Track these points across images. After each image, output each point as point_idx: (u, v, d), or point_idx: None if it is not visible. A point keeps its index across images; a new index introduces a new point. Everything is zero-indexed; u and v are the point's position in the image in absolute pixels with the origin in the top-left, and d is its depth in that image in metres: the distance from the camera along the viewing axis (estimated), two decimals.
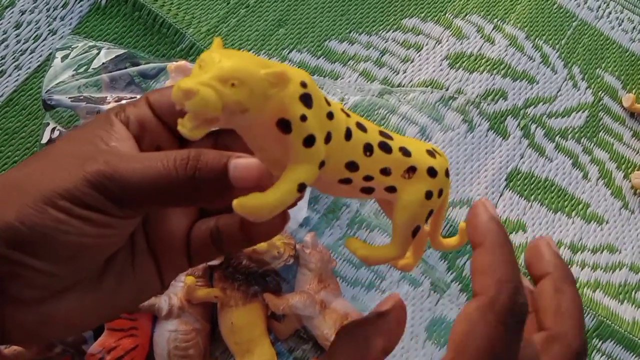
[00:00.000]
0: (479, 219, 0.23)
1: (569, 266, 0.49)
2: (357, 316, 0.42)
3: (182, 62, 0.45)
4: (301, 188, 0.21)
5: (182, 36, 0.51)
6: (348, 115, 0.23)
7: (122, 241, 0.23)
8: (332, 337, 0.40)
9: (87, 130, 0.24)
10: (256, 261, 0.40)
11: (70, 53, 0.46)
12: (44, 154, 0.23)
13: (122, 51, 0.47)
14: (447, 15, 0.57)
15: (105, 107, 0.43)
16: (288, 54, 0.53)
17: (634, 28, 0.61)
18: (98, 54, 0.46)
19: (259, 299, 0.41)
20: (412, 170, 0.24)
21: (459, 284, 0.47)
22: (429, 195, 0.24)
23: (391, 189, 0.24)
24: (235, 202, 0.20)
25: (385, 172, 0.23)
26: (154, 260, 0.25)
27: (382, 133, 0.23)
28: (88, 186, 0.21)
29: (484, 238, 0.23)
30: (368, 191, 0.23)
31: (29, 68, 0.49)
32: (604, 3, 0.62)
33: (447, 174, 0.25)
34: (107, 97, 0.44)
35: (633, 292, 0.50)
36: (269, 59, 0.52)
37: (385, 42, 0.55)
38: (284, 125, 0.20)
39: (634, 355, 0.47)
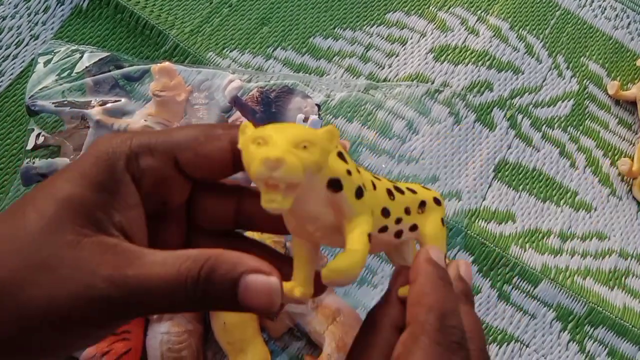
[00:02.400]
0: (417, 261, 0.24)
1: (559, 255, 0.49)
2: (349, 312, 0.42)
3: (167, 64, 0.44)
4: (370, 239, 0.21)
5: (166, 37, 0.50)
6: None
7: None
8: (324, 334, 0.40)
9: (88, 177, 0.21)
10: None
11: (52, 58, 0.46)
12: (30, 230, 0.20)
13: (105, 54, 0.46)
14: (430, 8, 0.57)
15: (90, 111, 0.43)
16: (273, 51, 0.53)
17: (616, 15, 0.62)
18: (81, 57, 0.46)
19: None
20: (423, 204, 0.26)
21: None
22: (443, 221, 0.26)
23: (414, 228, 0.25)
24: (323, 275, 0.21)
25: (407, 211, 0.25)
26: None
27: (387, 179, 0.25)
28: (92, 311, 0.19)
29: (416, 275, 0.24)
30: (399, 235, 0.25)
31: (12, 74, 0.48)
32: None
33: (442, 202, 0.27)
34: (91, 100, 0.44)
35: (623, 278, 0.50)
36: (254, 57, 0.52)
37: (370, 37, 0.55)
38: (335, 185, 0.21)
39: (626, 341, 0.48)
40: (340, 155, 0.22)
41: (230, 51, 0.52)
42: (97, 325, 0.20)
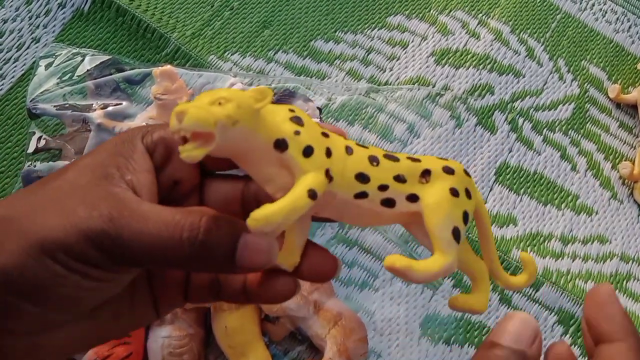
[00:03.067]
0: (611, 311, 0.23)
1: (560, 259, 0.49)
2: (351, 316, 0.42)
3: (168, 67, 0.44)
4: (312, 194, 0.21)
5: (167, 40, 0.50)
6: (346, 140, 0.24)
7: (119, 289, 0.23)
8: (326, 338, 0.40)
9: (107, 150, 0.23)
10: None
11: (54, 61, 0.46)
12: (51, 185, 0.22)
13: (106, 57, 0.46)
14: (431, 11, 0.58)
15: (91, 114, 0.43)
16: (274, 55, 0.53)
17: (617, 19, 0.62)
18: (82, 61, 0.46)
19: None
20: (427, 173, 0.23)
21: (451, 280, 0.47)
22: (454, 192, 0.23)
23: (413, 198, 0.23)
24: (248, 221, 0.20)
25: (399, 179, 0.23)
26: (152, 296, 0.25)
27: (384, 150, 0.24)
28: (90, 244, 0.20)
29: (622, 335, 0.22)
30: (389, 204, 0.23)
31: (13, 77, 0.48)
32: None
33: (466, 173, 0.24)
34: (92, 104, 0.44)
35: (624, 282, 0.50)
36: (255, 60, 0.52)
37: (371, 40, 0.55)
38: (281, 144, 0.21)
39: None
40: (295, 119, 0.22)
41: (231, 54, 0.52)
42: (90, 260, 0.20)
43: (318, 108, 0.47)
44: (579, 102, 0.57)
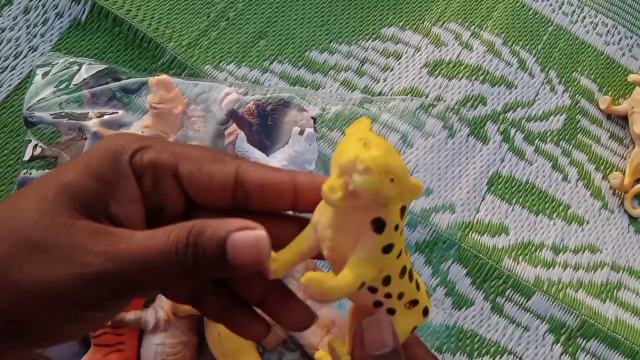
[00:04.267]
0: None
1: (552, 268, 0.49)
2: (344, 323, 0.42)
3: (164, 76, 0.45)
4: (360, 287, 0.22)
5: (163, 50, 0.51)
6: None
7: (118, 313, 0.23)
8: (319, 346, 0.40)
9: (91, 169, 0.21)
10: None
11: (50, 70, 0.46)
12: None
13: (103, 66, 0.47)
14: (425, 23, 0.58)
15: (87, 123, 0.43)
16: (269, 65, 0.53)
17: (608, 31, 0.63)
18: (79, 70, 0.46)
19: None
20: (414, 303, 0.25)
21: (443, 289, 0.47)
22: (413, 329, 0.25)
23: (392, 311, 0.24)
24: (306, 276, 0.20)
25: (400, 296, 0.24)
26: None
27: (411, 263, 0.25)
28: (88, 287, 0.19)
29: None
30: (378, 305, 0.24)
31: (10, 85, 0.49)
32: (579, 8, 0.63)
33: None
34: (88, 112, 0.45)
35: (615, 291, 0.51)
36: (250, 70, 0.53)
37: (365, 51, 0.56)
38: (379, 226, 0.21)
39: (618, 353, 0.48)
40: (403, 210, 0.22)
41: (227, 64, 0.52)
42: (93, 305, 0.20)
43: (312, 118, 0.48)
44: (570, 113, 0.57)
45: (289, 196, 0.23)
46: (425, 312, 0.26)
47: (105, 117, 0.45)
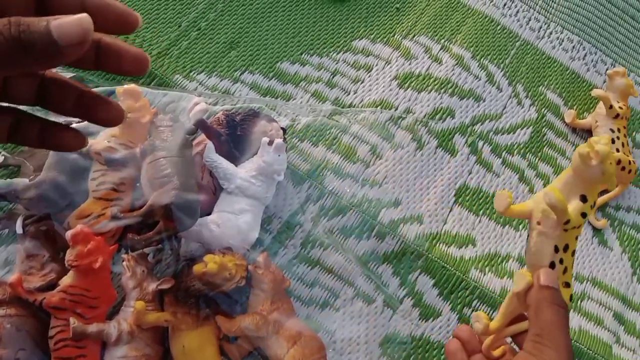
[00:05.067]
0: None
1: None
2: (311, 336, 0.42)
3: (132, 86, 0.45)
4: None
5: None
6: None
7: None
8: (285, 357, 0.40)
9: None
10: (207, 284, 0.40)
11: None
12: None
13: (70, 75, 0.46)
14: (396, 36, 0.59)
15: None
16: (240, 75, 0.53)
17: (573, 47, 0.64)
18: None
19: (210, 322, 0.41)
20: (567, 285, 0.34)
21: (411, 299, 0.48)
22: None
23: None
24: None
25: (564, 271, 0.34)
26: None
27: None
28: None
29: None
30: (551, 265, 0.34)
31: None
32: (545, 24, 0.65)
33: None
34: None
35: (579, 302, 0.52)
36: (221, 80, 0.52)
37: (336, 63, 0.56)
38: (583, 198, 0.33)
39: None
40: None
41: (197, 74, 0.52)
42: None
43: (282, 128, 0.48)
44: (537, 127, 0.58)
45: None
46: (571, 298, 0.34)
47: (72, 125, 0.44)
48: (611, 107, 0.56)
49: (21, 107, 0.27)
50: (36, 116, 0.27)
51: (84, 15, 0.23)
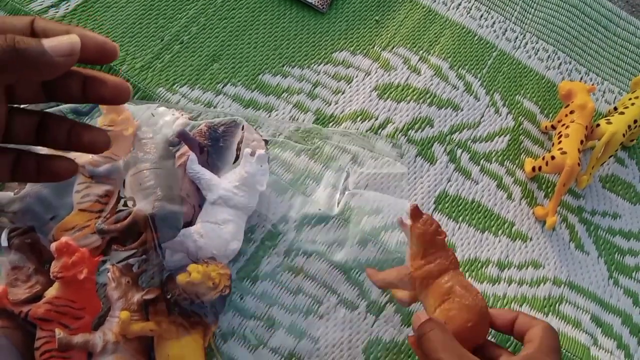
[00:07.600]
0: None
1: (497, 283, 0.51)
2: (462, 294, 0.40)
3: None
4: None
5: (116, 73, 0.51)
6: None
7: None
8: (434, 315, 0.40)
9: None
10: (191, 293, 0.40)
11: None
12: None
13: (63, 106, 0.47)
14: (375, 48, 0.60)
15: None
16: (222, 87, 0.54)
17: (548, 57, 0.66)
18: None
19: (196, 331, 0.41)
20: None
21: (393, 305, 0.49)
22: None
23: None
24: None
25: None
26: None
27: None
28: None
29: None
30: None
31: None
32: (521, 34, 0.66)
33: None
34: None
35: (557, 305, 0.53)
36: (204, 93, 0.53)
37: (317, 75, 0.57)
38: None
39: None
40: None
41: (180, 87, 0.53)
42: None
43: (264, 140, 0.49)
44: (514, 134, 0.60)
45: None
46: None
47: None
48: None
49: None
50: (33, 152, 0.30)
51: (73, 34, 0.26)
